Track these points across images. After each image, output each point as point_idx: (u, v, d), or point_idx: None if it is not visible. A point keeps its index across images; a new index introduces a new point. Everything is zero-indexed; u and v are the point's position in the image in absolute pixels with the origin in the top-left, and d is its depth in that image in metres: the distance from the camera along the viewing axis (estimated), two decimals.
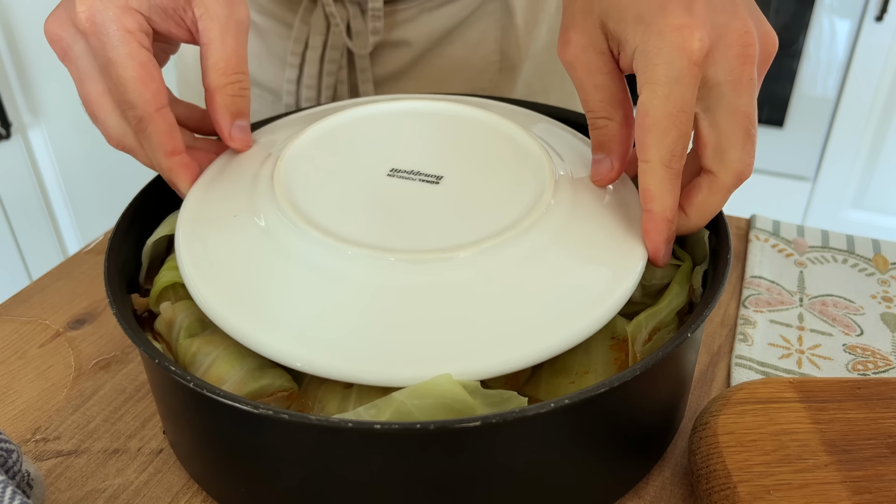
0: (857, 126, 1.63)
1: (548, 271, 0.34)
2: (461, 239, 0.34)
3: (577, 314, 0.32)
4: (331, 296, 0.33)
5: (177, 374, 0.30)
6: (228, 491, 0.35)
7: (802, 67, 1.61)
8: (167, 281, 0.38)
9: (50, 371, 0.45)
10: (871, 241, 0.55)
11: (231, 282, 0.34)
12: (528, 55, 0.68)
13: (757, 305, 0.49)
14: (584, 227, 0.36)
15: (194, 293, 0.34)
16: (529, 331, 0.31)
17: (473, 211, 0.36)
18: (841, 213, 1.74)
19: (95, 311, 0.50)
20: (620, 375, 0.29)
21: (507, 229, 0.34)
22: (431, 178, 0.38)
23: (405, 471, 0.30)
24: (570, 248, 0.35)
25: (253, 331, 0.32)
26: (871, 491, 0.32)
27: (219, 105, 0.40)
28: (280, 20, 0.64)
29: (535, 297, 0.33)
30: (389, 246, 0.33)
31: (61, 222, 1.57)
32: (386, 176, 0.38)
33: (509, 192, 0.37)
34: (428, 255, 0.33)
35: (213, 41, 0.39)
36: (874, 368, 0.44)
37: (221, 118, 0.40)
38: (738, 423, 0.35)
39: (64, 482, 0.38)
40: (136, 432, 0.41)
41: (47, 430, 0.41)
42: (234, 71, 0.40)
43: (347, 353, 0.31)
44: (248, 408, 0.28)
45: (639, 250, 0.36)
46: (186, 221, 0.38)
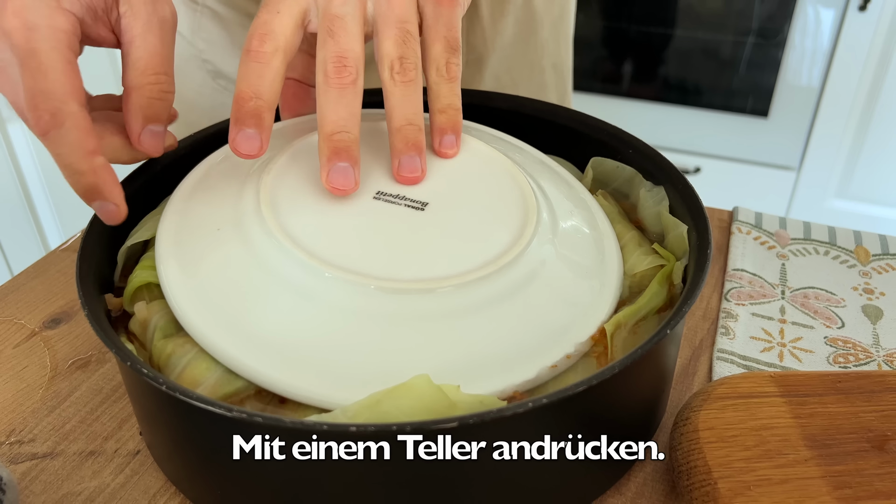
0: (841, 115, 1.63)
1: (525, 308, 0.35)
2: (441, 270, 0.34)
3: (552, 351, 0.33)
4: (306, 316, 0.33)
5: (149, 376, 0.29)
6: (205, 493, 0.35)
7: (787, 57, 1.62)
8: (141, 281, 0.37)
9: (25, 372, 0.44)
10: (853, 233, 0.55)
11: (209, 295, 0.35)
12: (495, 48, 0.67)
13: (739, 298, 0.49)
14: (563, 265, 0.37)
15: (173, 304, 0.35)
16: (503, 365, 0.32)
17: (455, 241, 0.36)
18: (825, 203, 1.75)
19: (72, 310, 0.49)
20: (599, 374, 0.29)
21: (488, 264, 0.35)
22: (417, 203, 0.38)
23: (382, 473, 0.30)
24: (549, 286, 0.36)
25: (225, 346, 0.33)
26: (852, 486, 0.32)
27: (133, 106, 0.37)
28: (243, 11, 0.64)
29: (511, 332, 0.34)
30: (368, 272, 0.34)
31: (42, 217, 1.55)
32: (372, 198, 0.38)
33: (493, 225, 0.37)
34: (406, 285, 0.33)
35: (134, 39, 0.37)
36: (855, 361, 0.44)
37: (133, 120, 0.37)
38: (719, 418, 0.35)
39: (39, 485, 0.37)
40: (112, 433, 0.40)
41: (22, 433, 0.40)
42: (155, 71, 0.37)
43: (317, 375, 0.31)
44: (221, 411, 0.28)
45: (614, 287, 0.37)
46: (168, 231, 0.38)
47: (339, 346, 0.33)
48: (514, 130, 0.48)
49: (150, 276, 0.37)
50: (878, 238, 0.55)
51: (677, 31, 1.70)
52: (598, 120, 0.47)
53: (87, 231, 0.38)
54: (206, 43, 0.67)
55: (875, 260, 0.53)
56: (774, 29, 1.61)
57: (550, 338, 0.34)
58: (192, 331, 0.34)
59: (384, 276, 0.34)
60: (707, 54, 1.70)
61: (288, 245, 0.34)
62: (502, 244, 0.36)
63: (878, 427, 0.35)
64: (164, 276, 0.36)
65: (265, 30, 0.37)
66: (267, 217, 0.36)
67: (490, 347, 0.33)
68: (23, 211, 1.51)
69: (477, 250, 0.36)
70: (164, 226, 0.38)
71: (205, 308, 0.34)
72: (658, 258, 0.39)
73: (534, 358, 0.33)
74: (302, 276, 0.34)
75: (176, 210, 0.39)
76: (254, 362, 0.32)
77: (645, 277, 0.39)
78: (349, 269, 0.34)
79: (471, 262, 0.35)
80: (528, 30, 0.68)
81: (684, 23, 1.68)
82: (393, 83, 0.38)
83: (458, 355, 0.32)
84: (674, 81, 1.76)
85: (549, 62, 0.72)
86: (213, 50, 0.67)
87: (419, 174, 0.39)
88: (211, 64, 0.68)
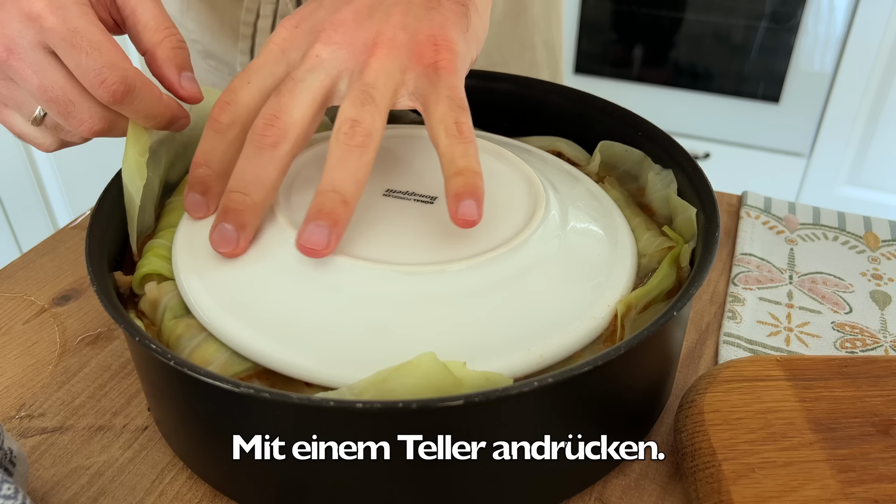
0: (853, 102, 1.62)
1: (536, 287, 0.35)
2: (451, 254, 0.34)
3: (562, 329, 0.33)
4: (328, 306, 0.33)
5: (157, 351, 0.29)
6: (212, 469, 0.35)
7: (800, 42, 1.60)
8: (150, 270, 0.37)
9: (35, 347, 0.45)
10: (863, 219, 0.55)
11: (220, 281, 0.35)
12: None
13: (746, 283, 0.49)
14: (572, 248, 0.37)
15: (193, 307, 0.35)
16: (516, 343, 0.32)
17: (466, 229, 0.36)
18: (835, 190, 1.74)
19: (81, 287, 0.50)
20: (605, 354, 0.29)
21: (498, 246, 0.35)
22: (426, 198, 0.39)
23: (388, 449, 0.30)
24: (559, 267, 0.36)
25: (234, 328, 0.33)
26: (856, 469, 0.32)
27: (162, 60, 0.40)
28: None
29: (523, 310, 0.34)
30: (377, 256, 0.34)
31: (51, 196, 1.55)
32: (381, 195, 0.39)
33: (502, 212, 0.38)
34: (415, 268, 0.34)
35: (136, 6, 0.39)
36: (862, 346, 0.44)
37: (168, 72, 0.40)
38: (725, 400, 0.35)
39: (48, 459, 0.38)
40: (121, 409, 0.40)
41: (32, 407, 0.41)
42: (166, 26, 0.40)
43: (342, 358, 0.32)
44: (228, 386, 0.28)
45: (626, 269, 0.37)
46: (183, 238, 0.38)
47: (346, 327, 0.33)
48: (521, 112, 0.48)
49: (159, 268, 0.38)
50: (889, 224, 0.55)
51: (688, 15, 1.68)
52: (607, 102, 0.47)
53: (95, 208, 0.38)
54: (194, 23, 0.67)
55: (884, 246, 0.53)
56: (787, 14, 1.59)
57: (563, 318, 0.34)
58: (201, 314, 0.34)
59: (393, 259, 0.34)
60: (718, 39, 1.68)
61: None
62: (513, 228, 0.36)
63: (884, 412, 0.35)
64: (178, 264, 0.37)
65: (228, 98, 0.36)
66: (279, 215, 0.36)
67: (500, 327, 0.33)
68: (32, 189, 1.52)
69: (487, 235, 0.36)
70: (181, 231, 0.39)
71: (216, 292, 0.35)
72: (667, 240, 0.39)
73: (545, 339, 0.33)
74: (321, 269, 0.34)
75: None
76: (261, 343, 0.33)
77: (653, 259, 0.39)
78: (358, 255, 0.34)
79: (481, 246, 0.35)
80: (518, 7, 0.68)
81: (696, 6, 1.66)
82: (336, 144, 0.33)
83: (466, 334, 0.32)
84: (684, 66, 1.74)
85: (540, 39, 0.71)
86: (201, 30, 0.67)
87: (323, 247, 0.33)
88: (200, 44, 0.68)
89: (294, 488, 0.32)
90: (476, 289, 0.34)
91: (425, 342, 0.32)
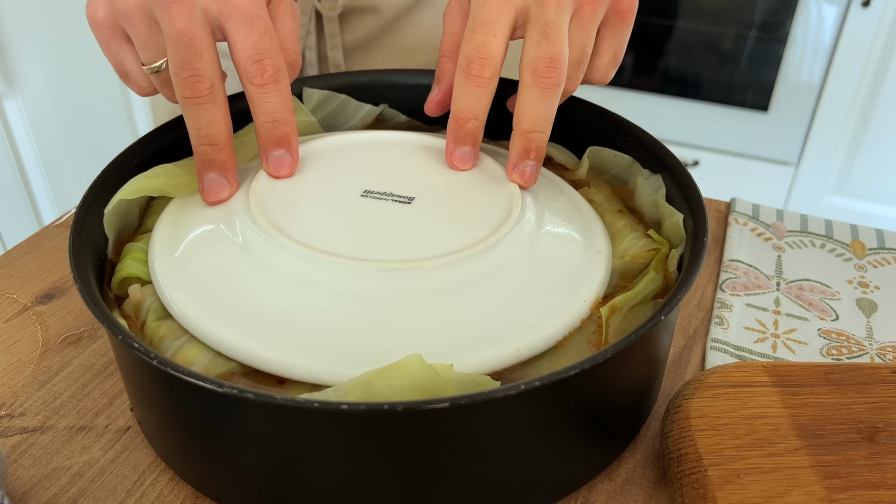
0: (841, 112, 1.63)
1: (512, 284, 0.35)
2: (428, 251, 0.35)
3: (538, 324, 0.33)
4: (296, 299, 0.34)
5: (140, 350, 0.29)
6: (194, 471, 0.35)
7: (789, 52, 1.61)
8: (129, 273, 0.37)
9: (16, 346, 0.44)
10: (850, 227, 0.55)
11: (200, 284, 0.35)
12: None
13: (734, 289, 0.49)
14: (547, 247, 0.37)
15: (172, 308, 0.35)
16: (494, 337, 0.33)
17: (442, 227, 0.38)
18: (823, 199, 1.75)
19: (64, 285, 0.49)
20: (592, 358, 0.29)
21: (475, 243, 0.35)
22: (403, 198, 0.39)
23: (373, 452, 0.30)
24: (534, 265, 0.36)
25: (215, 328, 0.33)
26: (841, 476, 0.32)
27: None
28: None
29: (500, 306, 0.34)
30: (356, 254, 0.34)
31: (37, 194, 1.54)
32: (360, 196, 0.39)
33: (479, 213, 0.38)
34: (394, 265, 0.34)
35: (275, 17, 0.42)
36: (848, 353, 0.44)
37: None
38: (711, 406, 0.35)
39: (28, 459, 0.37)
40: (103, 409, 0.40)
41: (12, 407, 0.40)
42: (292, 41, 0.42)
43: (322, 354, 0.32)
44: (212, 386, 0.27)
45: (600, 266, 0.38)
46: (162, 238, 0.38)
47: (327, 325, 0.33)
48: (510, 116, 0.48)
49: (137, 271, 0.37)
50: (875, 232, 0.55)
51: (679, 23, 1.69)
52: (596, 106, 0.47)
53: (80, 206, 0.38)
54: None
55: (871, 254, 0.53)
56: (776, 23, 1.60)
57: (540, 313, 0.34)
58: (179, 314, 0.34)
59: (372, 257, 0.34)
60: (708, 47, 1.69)
61: (276, 235, 0.35)
62: (488, 228, 0.37)
63: (869, 418, 0.35)
64: (155, 270, 0.37)
65: (483, 53, 0.38)
66: (256, 213, 0.37)
67: (477, 322, 0.33)
68: (17, 187, 1.51)
69: (464, 233, 0.36)
70: (159, 229, 0.39)
71: (196, 295, 0.35)
72: (651, 242, 0.39)
73: (522, 333, 0.33)
74: (299, 267, 0.34)
75: (173, 213, 0.40)
76: (244, 343, 0.32)
77: (638, 260, 0.39)
78: (337, 253, 0.34)
79: (458, 244, 0.35)
80: None
81: (686, 15, 1.67)
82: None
83: (444, 330, 0.33)
84: (674, 74, 1.75)
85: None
86: None
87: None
88: None
89: (277, 490, 0.32)
90: (453, 285, 0.34)
91: (404, 337, 0.32)
